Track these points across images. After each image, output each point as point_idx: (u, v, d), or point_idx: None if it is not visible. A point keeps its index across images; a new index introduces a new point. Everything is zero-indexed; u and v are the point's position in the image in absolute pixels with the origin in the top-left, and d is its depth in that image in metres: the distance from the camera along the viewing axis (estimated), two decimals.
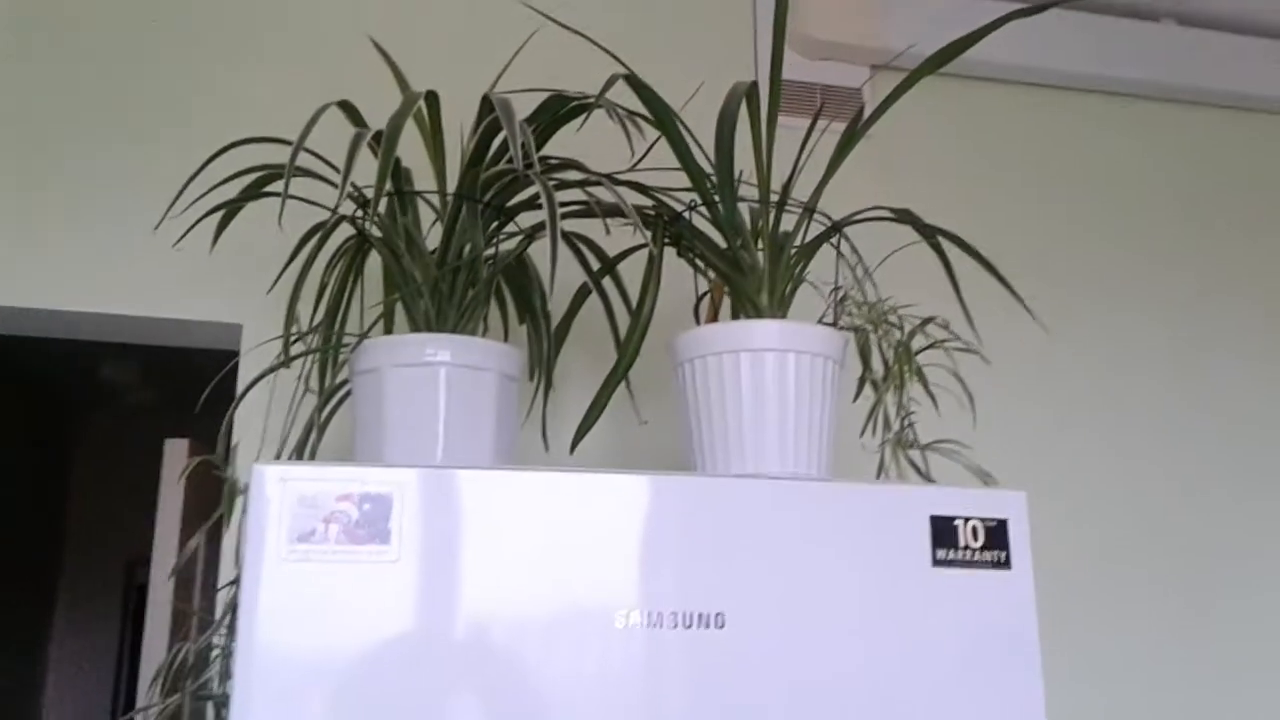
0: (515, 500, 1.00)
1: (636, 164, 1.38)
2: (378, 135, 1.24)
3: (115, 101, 1.82)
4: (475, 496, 1.00)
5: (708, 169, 1.39)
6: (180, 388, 3.82)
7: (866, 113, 2.08)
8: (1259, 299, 2.26)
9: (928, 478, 1.37)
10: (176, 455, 1.87)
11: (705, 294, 1.47)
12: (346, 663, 0.94)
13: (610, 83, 1.24)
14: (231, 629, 1.28)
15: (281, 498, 0.95)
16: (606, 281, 1.56)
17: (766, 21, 2.11)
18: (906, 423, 1.37)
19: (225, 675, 1.29)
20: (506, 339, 1.60)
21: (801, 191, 1.46)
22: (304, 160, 1.26)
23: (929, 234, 1.44)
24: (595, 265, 1.54)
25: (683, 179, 1.46)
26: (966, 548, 1.08)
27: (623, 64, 1.41)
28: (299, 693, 0.93)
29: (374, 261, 1.46)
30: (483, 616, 0.97)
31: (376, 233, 1.42)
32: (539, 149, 1.39)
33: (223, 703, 1.27)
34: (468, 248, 1.39)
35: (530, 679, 0.96)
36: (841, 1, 2.09)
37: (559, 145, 1.46)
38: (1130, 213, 2.25)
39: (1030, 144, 2.24)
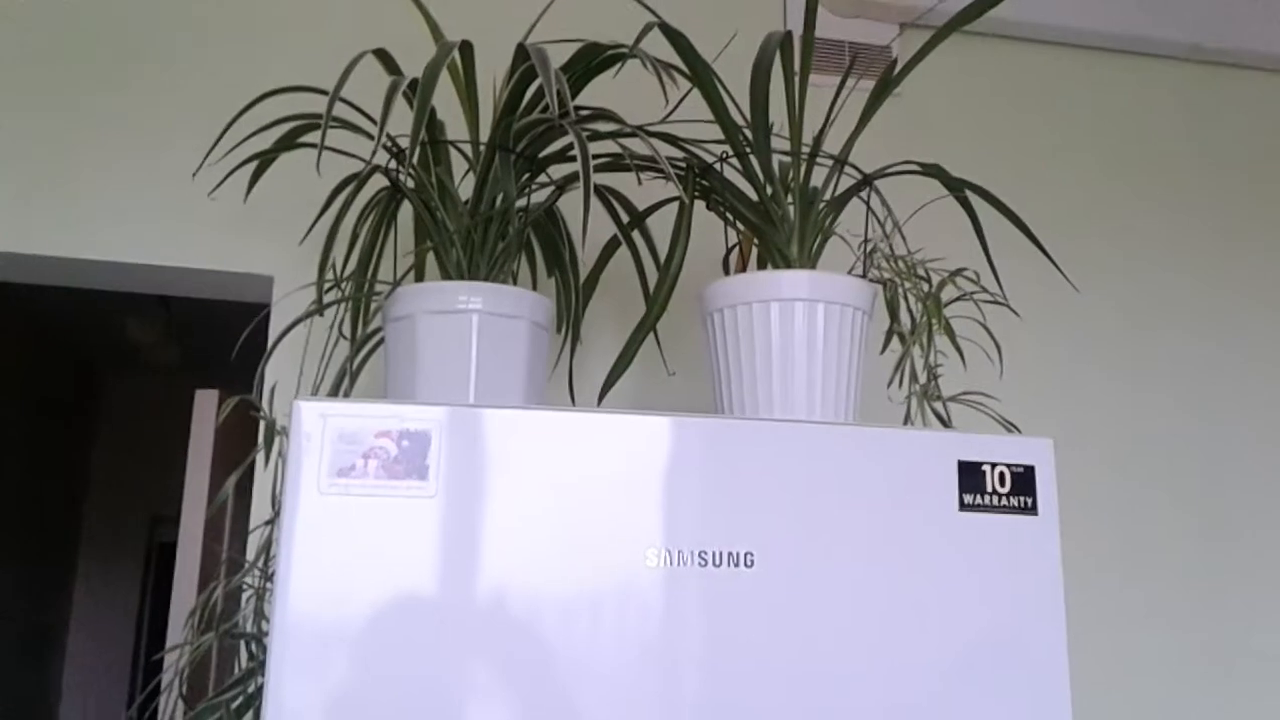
0: (551, 439, 1.02)
1: (669, 115, 1.39)
2: (413, 84, 1.25)
3: (148, 50, 1.83)
4: (512, 435, 1.01)
5: (739, 121, 1.39)
6: (204, 346, 3.85)
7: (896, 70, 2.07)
8: None
9: (952, 429, 1.38)
10: (207, 405, 1.90)
11: (734, 246, 1.48)
12: (384, 595, 0.96)
13: (645, 31, 1.25)
14: (264, 570, 1.31)
15: (322, 433, 0.97)
16: (635, 236, 1.57)
17: None
18: (933, 375, 1.38)
19: (258, 615, 1.32)
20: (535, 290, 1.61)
21: (831, 147, 1.46)
22: (338, 110, 1.27)
23: (957, 188, 1.44)
24: (625, 219, 1.55)
25: (712, 131, 1.46)
26: (993, 493, 1.09)
27: (655, 14, 1.42)
28: (336, 625, 0.95)
29: (405, 212, 1.47)
30: (518, 551, 0.99)
31: (410, 183, 1.43)
32: (572, 99, 1.39)
33: (254, 639, 1.30)
34: (500, 198, 1.40)
35: (563, 614, 0.98)
36: None
37: (587, 96, 1.46)
38: (1156, 169, 2.24)
39: (1059, 101, 2.23)
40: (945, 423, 1.39)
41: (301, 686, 0.93)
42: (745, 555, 1.02)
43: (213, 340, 3.76)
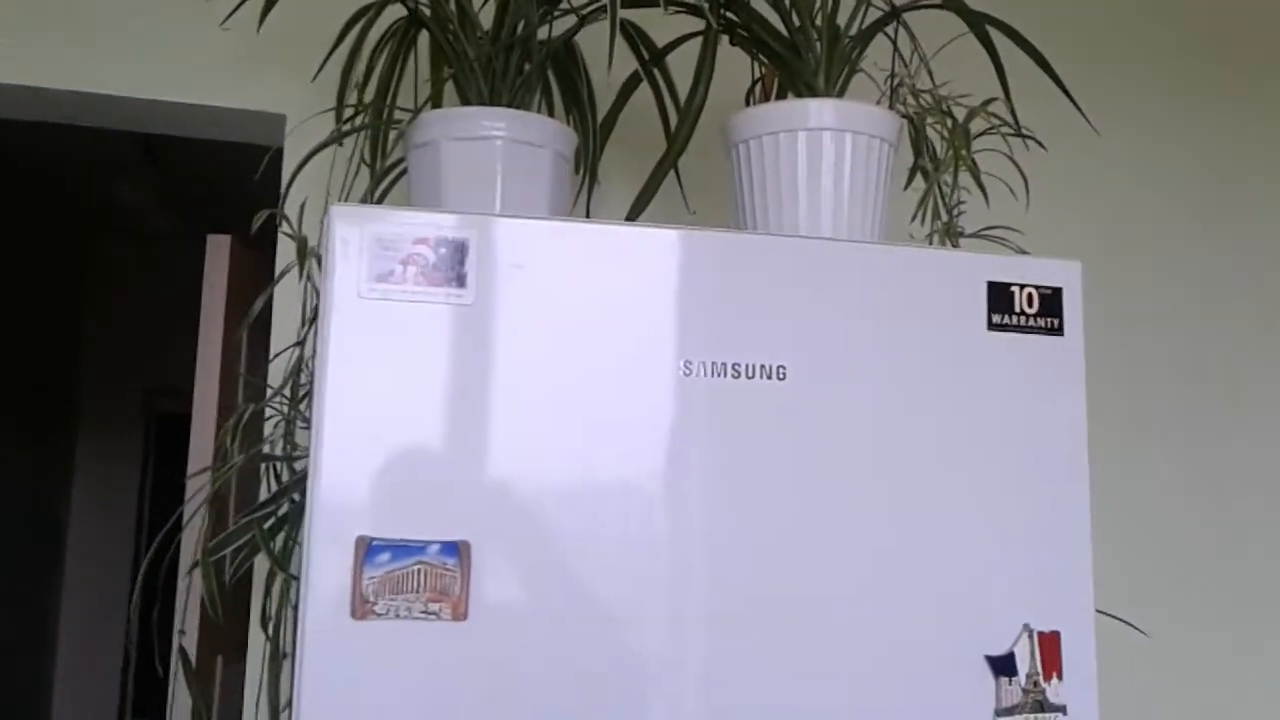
0: (587, 251, 1.02)
1: None
2: None
3: None
4: (549, 246, 1.01)
5: None
6: (199, 210, 3.80)
7: None
8: None
9: None
10: (219, 251, 1.89)
11: (758, 80, 1.46)
12: (424, 402, 0.97)
13: None
14: (293, 396, 1.32)
15: (360, 238, 0.97)
16: (655, 75, 1.54)
17: None
18: (957, 211, 1.38)
19: (288, 439, 1.33)
20: None
21: None
22: None
23: (977, 23, 1.42)
24: (645, 56, 1.52)
25: None
26: (1021, 313, 1.10)
27: None
28: (377, 435, 0.96)
29: (422, 42, 1.44)
30: (556, 360, 1.00)
31: (427, 12, 1.40)
32: None
33: (286, 461, 1.31)
34: (521, 25, 1.37)
35: (602, 422, 1.00)
36: None
37: None
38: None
39: None
40: None
41: (346, 485, 0.94)
42: (778, 369, 1.03)
43: (208, 203, 3.72)
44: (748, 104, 1.50)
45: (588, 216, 1.59)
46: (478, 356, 0.98)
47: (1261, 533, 2.08)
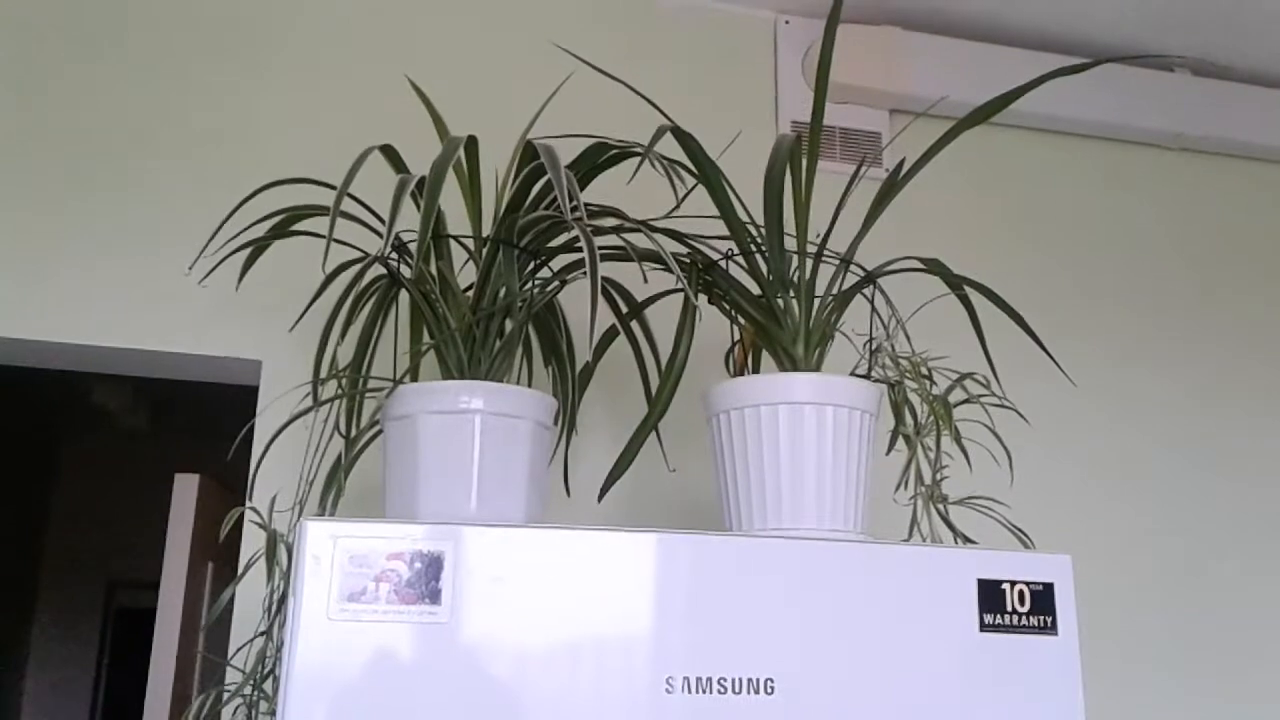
0: (565, 560, 0.99)
1: (673, 211, 1.38)
2: (421, 182, 1.23)
3: (142, 138, 1.80)
4: (526, 556, 0.98)
5: (743, 217, 1.38)
6: (167, 413, 3.77)
7: (886, 157, 2.09)
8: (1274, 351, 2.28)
9: (959, 533, 1.37)
10: (187, 491, 1.85)
11: (737, 342, 1.47)
12: None
13: (659, 135, 1.24)
14: (259, 683, 1.26)
15: (332, 555, 0.93)
16: (634, 327, 1.55)
17: (787, 64, 2.12)
18: (941, 476, 1.36)
19: None
20: (531, 383, 1.59)
21: (832, 242, 1.45)
22: (330, 199, 1.25)
23: (957, 285, 1.44)
24: (623, 309, 1.53)
25: (711, 227, 1.45)
26: (1013, 612, 1.07)
27: (662, 112, 1.41)
28: None
29: (401, 300, 1.45)
30: (533, 680, 0.95)
31: (408, 274, 1.40)
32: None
33: None
34: (502, 292, 1.38)
35: None
36: (860, 45, 2.10)
37: (590, 191, 1.45)
38: (1147, 260, 2.26)
39: (1049, 190, 2.25)
40: (950, 526, 1.37)
41: None
42: (766, 682, 0.99)
43: (180, 408, 3.70)
44: (726, 364, 1.50)
45: (565, 467, 1.57)
46: (451, 678, 0.93)
47: None
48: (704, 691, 0.97)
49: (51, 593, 5.01)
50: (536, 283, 1.43)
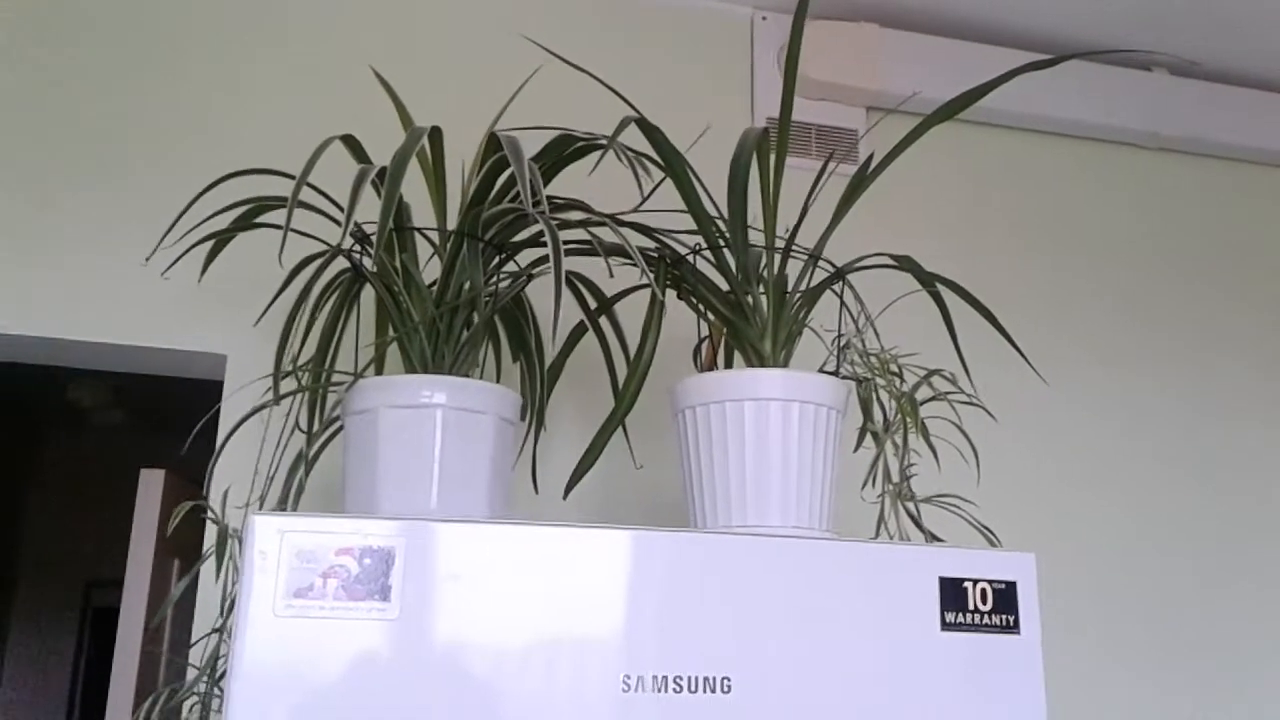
0: (520, 556, 0.97)
1: (640, 205, 1.36)
2: (381, 172, 1.21)
3: (105, 131, 1.78)
4: (478, 551, 0.97)
5: (712, 212, 1.37)
6: (145, 409, 3.74)
7: (862, 154, 2.07)
8: (1251, 348, 2.27)
9: (927, 531, 1.36)
10: (152, 485, 1.82)
11: (705, 338, 1.45)
12: None
13: (623, 126, 1.22)
14: (211, 679, 1.24)
15: (279, 550, 0.91)
16: (602, 322, 1.54)
17: (764, 61, 2.10)
18: (908, 475, 1.35)
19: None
20: (499, 378, 1.57)
21: (802, 237, 1.44)
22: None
23: (929, 281, 1.43)
24: (592, 305, 1.52)
25: (680, 221, 1.44)
26: (975, 610, 1.06)
27: (629, 103, 1.40)
28: None
29: (366, 294, 1.43)
30: (485, 679, 0.93)
31: (372, 268, 1.38)
32: (544, 187, 1.36)
33: None
34: (466, 285, 1.36)
35: None
36: (837, 42, 2.09)
37: (558, 184, 1.44)
38: (1122, 259, 2.25)
39: (1025, 188, 2.24)
40: (918, 523, 1.36)
41: None
42: (722, 681, 0.98)
43: (154, 403, 3.66)
44: (695, 360, 1.49)
45: (534, 464, 1.55)
46: (400, 676, 0.92)
47: None
48: (660, 690, 0.96)
49: (29, 592, 4.97)
50: (503, 277, 1.42)
